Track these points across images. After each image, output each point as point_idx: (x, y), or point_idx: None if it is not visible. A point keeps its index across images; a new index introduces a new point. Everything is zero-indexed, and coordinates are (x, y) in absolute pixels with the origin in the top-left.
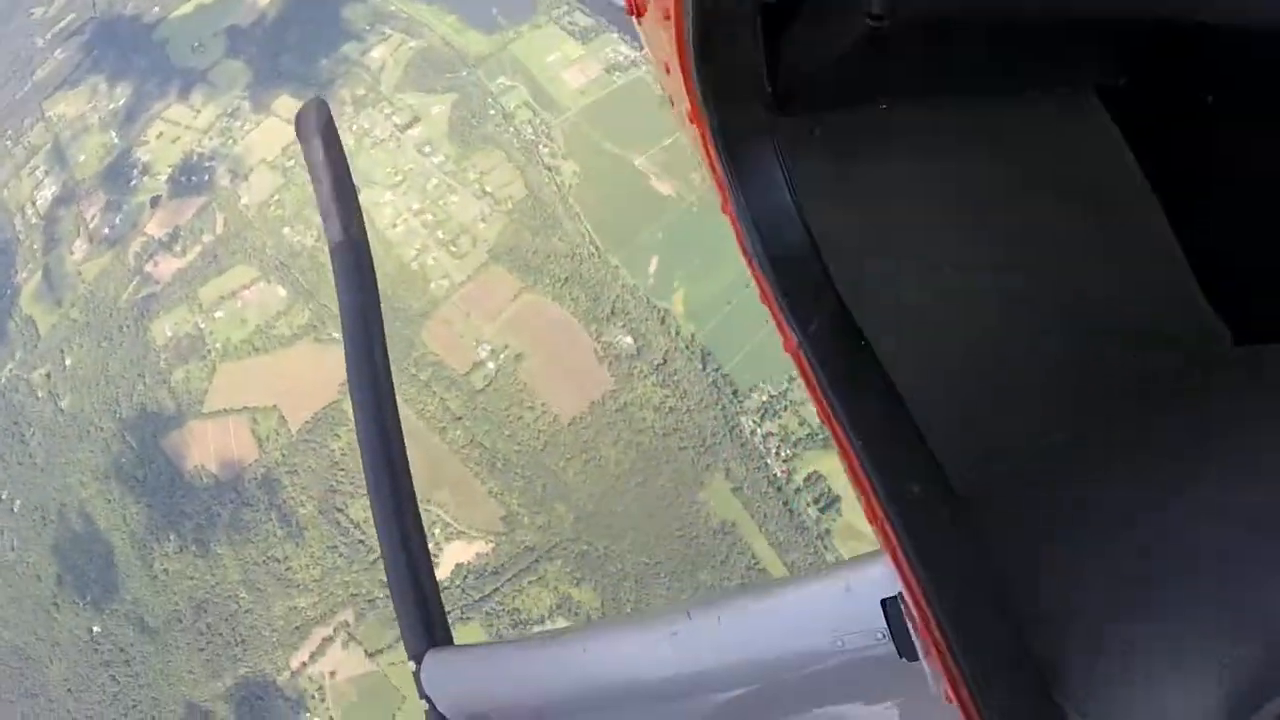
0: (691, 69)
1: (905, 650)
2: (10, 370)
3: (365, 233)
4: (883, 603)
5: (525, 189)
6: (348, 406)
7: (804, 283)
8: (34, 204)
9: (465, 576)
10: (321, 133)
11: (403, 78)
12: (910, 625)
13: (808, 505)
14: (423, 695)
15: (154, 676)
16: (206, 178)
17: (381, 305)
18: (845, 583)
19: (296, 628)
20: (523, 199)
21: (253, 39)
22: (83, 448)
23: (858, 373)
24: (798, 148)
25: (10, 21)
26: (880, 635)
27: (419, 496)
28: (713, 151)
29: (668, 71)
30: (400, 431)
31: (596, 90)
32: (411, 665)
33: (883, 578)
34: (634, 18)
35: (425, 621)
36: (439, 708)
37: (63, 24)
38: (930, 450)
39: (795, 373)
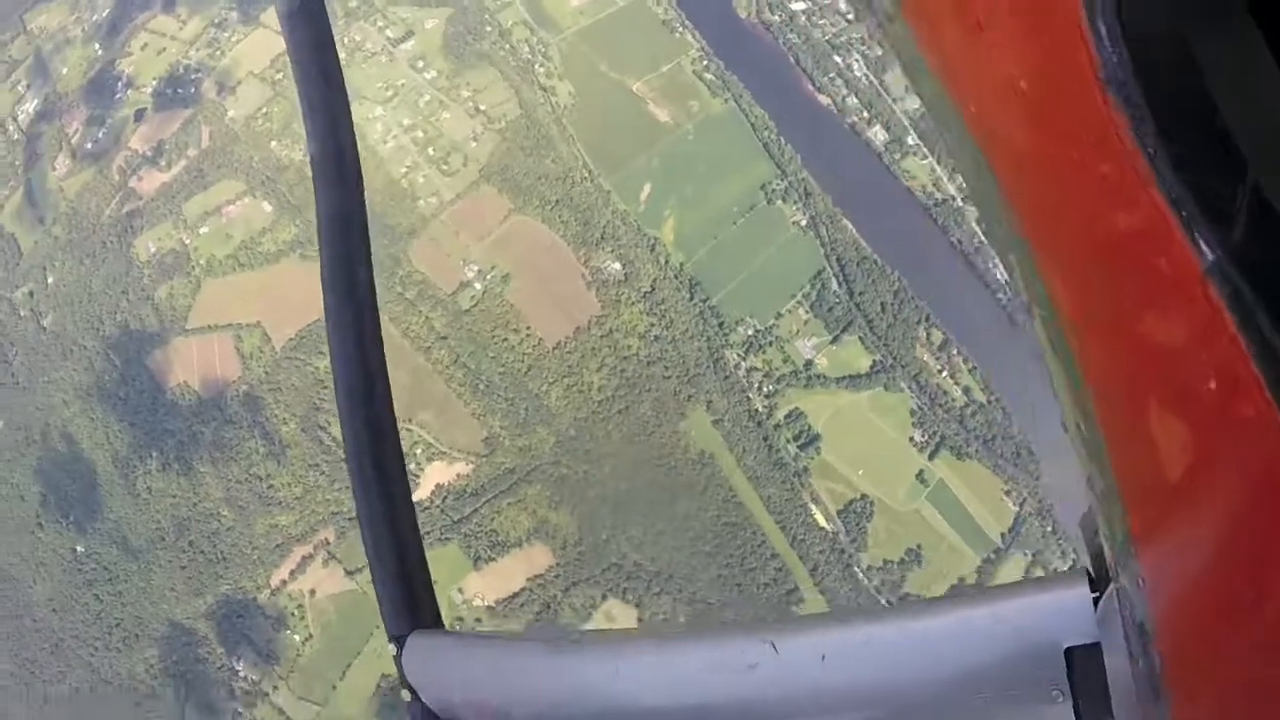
0: None
1: (1093, 713)
2: None
3: (352, 129)
4: (1068, 652)
5: (519, 109)
6: None
7: (1217, 183)
8: (15, 119)
9: (445, 497)
10: (305, 11)
11: None
12: (1107, 679)
13: (787, 442)
14: (404, 684)
15: (136, 595)
16: (192, 90)
17: (368, 218)
18: (1017, 617)
19: (277, 545)
20: (516, 119)
21: None
22: (66, 366)
23: None
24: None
25: None
26: (1055, 692)
27: (400, 417)
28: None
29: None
30: (384, 365)
31: (596, 11)
32: (391, 648)
33: (1065, 616)
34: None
35: (409, 598)
36: (424, 698)
37: None
38: None
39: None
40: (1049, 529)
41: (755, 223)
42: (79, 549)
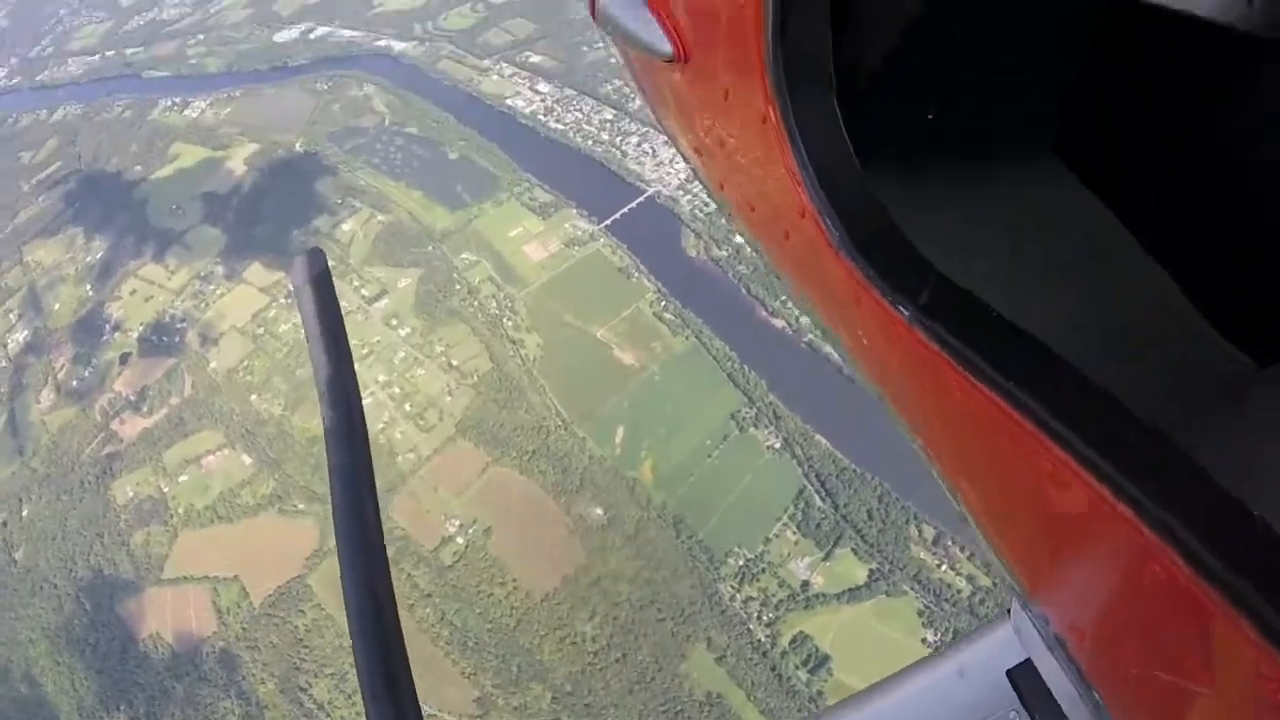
0: (767, 52)
1: (1047, 716)
2: None
3: (358, 387)
4: (1009, 673)
5: (490, 362)
6: (313, 581)
7: (897, 259)
8: (4, 347)
9: None
10: (315, 283)
11: (371, 251)
12: (1047, 685)
13: (796, 668)
14: None
15: None
16: (177, 339)
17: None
18: (956, 667)
19: None
20: (488, 372)
21: (229, 206)
22: (34, 604)
23: (992, 329)
24: (864, 142)
25: None
26: (1014, 715)
27: None
28: (785, 142)
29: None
30: (392, 596)
31: (556, 264)
32: None
33: (996, 650)
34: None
35: None
36: None
37: (48, 171)
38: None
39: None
40: None
41: (730, 452)
42: None
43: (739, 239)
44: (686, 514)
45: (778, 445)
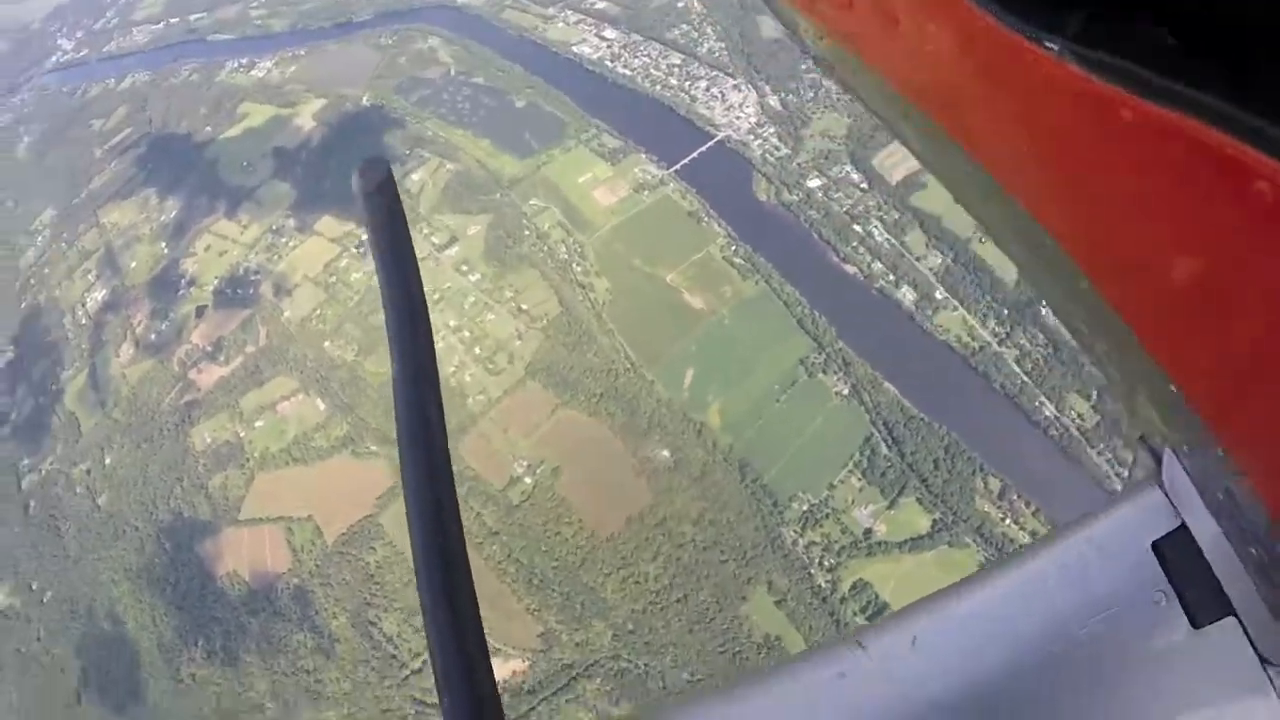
0: None
1: (1205, 602)
2: (51, 463)
3: (423, 290)
4: (1155, 546)
5: (560, 306)
6: (384, 520)
7: None
8: (84, 305)
9: (501, 695)
10: (380, 189)
11: (440, 199)
12: (1205, 554)
13: (854, 615)
14: None
15: None
16: (251, 291)
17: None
18: (1085, 545)
19: None
20: (557, 316)
21: (298, 161)
22: (117, 546)
23: (1166, 47)
24: None
25: (70, 131)
26: (1157, 595)
27: None
28: None
29: None
30: (454, 493)
31: (626, 209)
32: None
33: (1136, 523)
34: None
35: (477, 709)
36: None
37: (120, 137)
38: None
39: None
40: None
41: (798, 398)
42: None
43: (812, 183)
44: (752, 458)
45: (846, 392)
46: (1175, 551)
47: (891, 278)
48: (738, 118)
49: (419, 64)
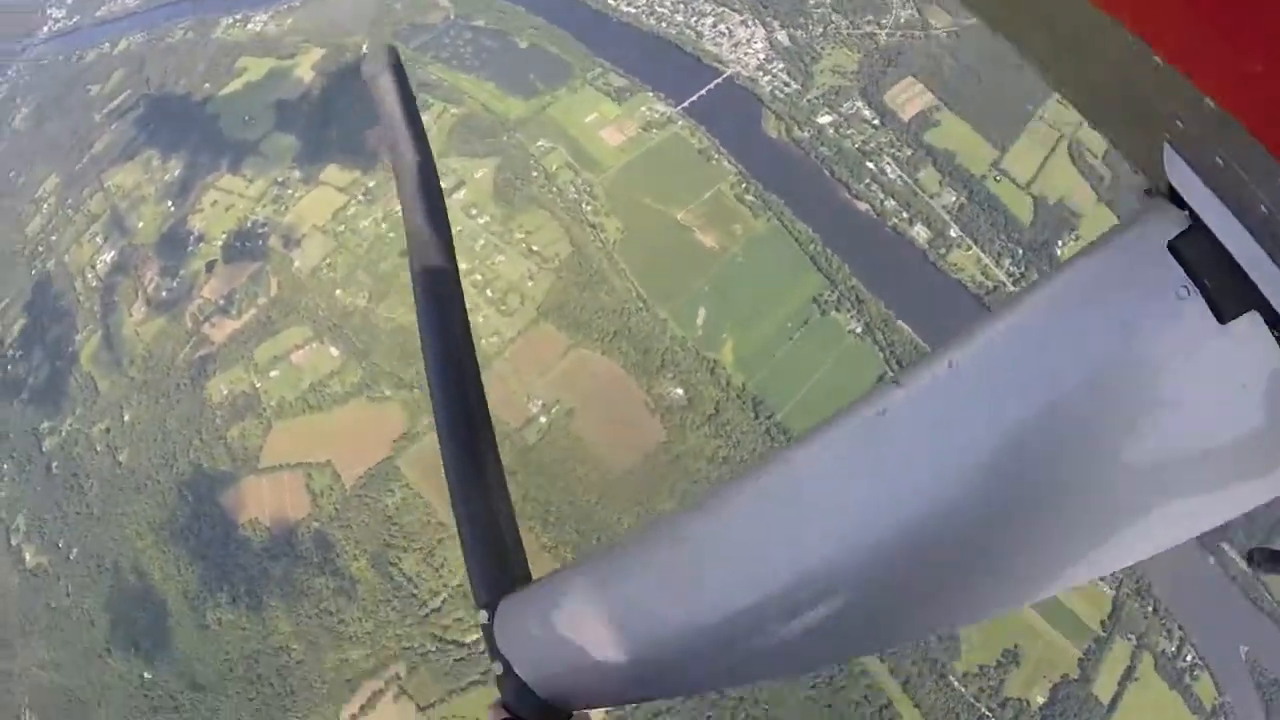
0: None
1: (1228, 289)
2: (70, 424)
3: (438, 178)
4: (1171, 246)
5: (571, 246)
6: (401, 463)
7: None
8: (94, 268)
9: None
10: (391, 71)
11: (446, 143)
12: (1222, 242)
13: None
14: (494, 654)
15: None
16: (260, 244)
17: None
18: (1089, 258)
19: (347, 680)
20: (568, 256)
21: (300, 112)
22: (139, 500)
23: None
24: None
25: (68, 99)
26: (1181, 290)
27: None
28: None
29: None
30: (470, 337)
31: (635, 148)
32: (481, 616)
33: (1146, 231)
34: None
35: (499, 561)
36: (518, 670)
37: (118, 100)
38: None
39: None
40: (1150, 608)
41: (811, 335)
42: (146, 675)
43: (822, 119)
44: (766, 395)
45: (859, 330)
46: (1192, 247)
47: (905, 215)
48: (746, 54)
49: (418, 10)
